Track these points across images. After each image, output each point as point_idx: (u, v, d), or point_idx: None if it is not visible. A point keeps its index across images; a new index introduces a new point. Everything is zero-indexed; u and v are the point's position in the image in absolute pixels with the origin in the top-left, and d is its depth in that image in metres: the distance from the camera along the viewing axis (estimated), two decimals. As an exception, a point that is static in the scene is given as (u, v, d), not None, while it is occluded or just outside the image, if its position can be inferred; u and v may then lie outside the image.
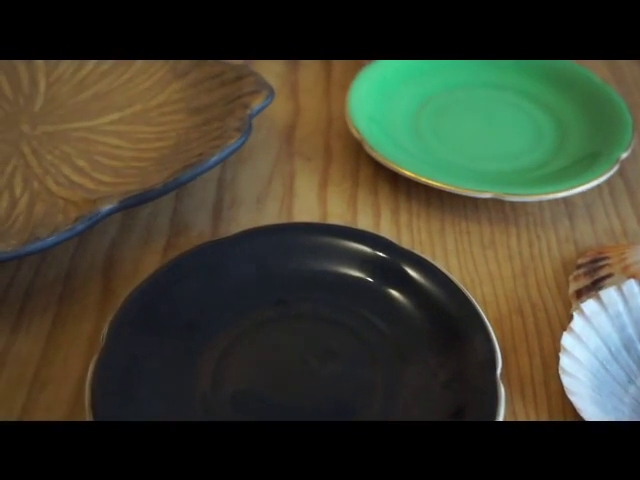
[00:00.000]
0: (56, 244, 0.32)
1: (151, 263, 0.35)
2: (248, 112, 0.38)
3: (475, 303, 0.31)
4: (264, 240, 0.34)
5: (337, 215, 0.38)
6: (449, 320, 0.30)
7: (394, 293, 0.32)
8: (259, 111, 0.38)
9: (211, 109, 0.41)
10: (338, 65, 0.48)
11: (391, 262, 0.33)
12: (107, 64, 0.46)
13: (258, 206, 0.38)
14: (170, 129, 0.41)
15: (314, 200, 0.39)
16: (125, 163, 0.39)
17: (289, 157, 0.41)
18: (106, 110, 0.43)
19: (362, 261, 0.33)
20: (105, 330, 0.29)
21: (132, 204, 0.34)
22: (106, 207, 0.34)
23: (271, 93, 0.39)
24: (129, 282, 0.34)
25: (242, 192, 0.39)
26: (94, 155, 0.40)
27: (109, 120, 0.42)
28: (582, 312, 0.31)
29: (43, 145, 0.40)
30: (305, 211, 0.38)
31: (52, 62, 0.46)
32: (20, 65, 0.46)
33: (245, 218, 0.38)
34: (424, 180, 0.38)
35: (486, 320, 0.30)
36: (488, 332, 0.29)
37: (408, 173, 0.38)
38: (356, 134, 0.40)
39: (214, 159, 0.35)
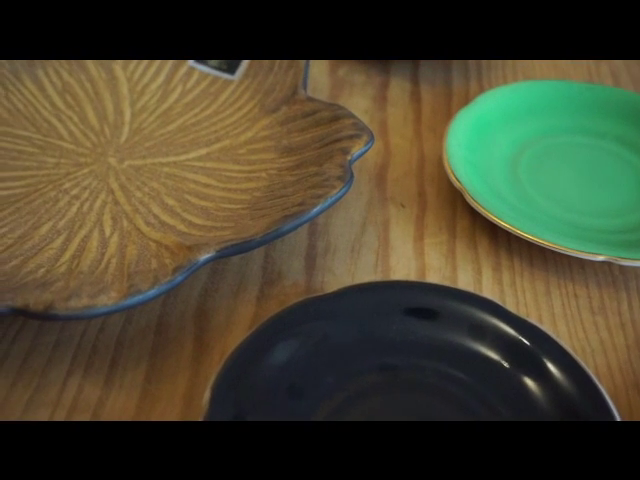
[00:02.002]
0: (156, 297, 0.30)
1: (245, 314, 0.34)
2: (348, 158, 0.36)
3: (601, 388, 0.29)
4: (367, 298, 0.32)
5: (435, 269, 0.36)
6: (570, 402, 0.28)
7: (509, 367, 0.30)
8: (359, 157, 0.37)
9: (304, 150, 0.39)
10: (427, 104, 0.47)
11: (504, 331, 0.31)
12: (192, 95, 0.45)
13: (353, 256, 0.37)
14: (260, 169, 0.40)
15: (410, 252, 0.37)
16: (216, 204, 0.38)
17: (382, 202, 0.40)
18: (193, 145, 0.42)
19: (471, 327, 0.32)
20: (207, 394, 0.28)
21: (229, 254, 0.33)
22: (203, 256, 0.32)
23: (371, 138, 0.37)
24: (223, 335, 0.33)
25: (335, 240, 0.38)
26: (184, 194, 0.38)
27: (197, 155, 0.41)
28: None
29: (131, 180, 0.39)
30: (402, 264, 0.37)
31: (137, 90, 0.45)
32: (105, 93, 0.45)
33: (340, 269, 0.36)
34: (527, 236, 0.36)
35: (615, 411, 0.28)
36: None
37: (510, 227, 0.36)
38: (456, 183, 0.38)
39: (316, 210, 0.34)
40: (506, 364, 0.31)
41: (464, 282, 0.36)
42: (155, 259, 0.34)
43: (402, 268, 0.36)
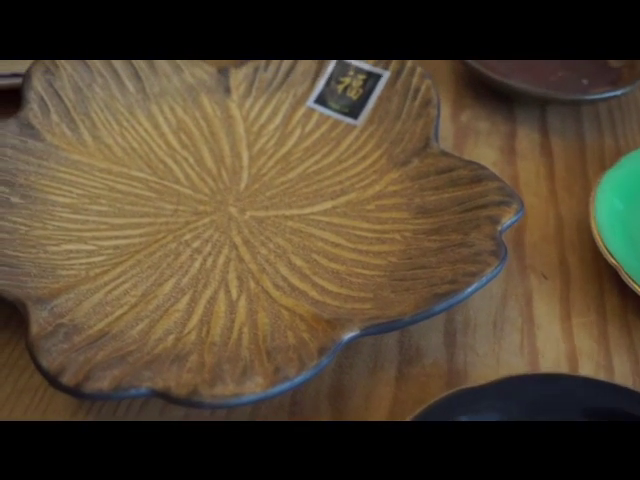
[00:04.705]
0: (303, 383, 0.28)
1: (383, 396, 0.31)
2: (499, 229, 0.33)
3: None
4: (527, 393, 0.29)
5: (587, 355, 0.33)
6: None
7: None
8: (508, 228, 0.34)
9: (442, 213, 0.36)
10: (559, 158, 0.44)
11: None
12: (311, 139, 0.43)
13: (495, 333, 0.34)
14: (392, 229, 0.37)
15: (558, 332, 0.34)
16: (347, 267, 0.35)
17: (522, 272, 0.37)
18: (317, 196, 0.39)
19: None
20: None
21: (375, 333, 0.30)
22: (347, 335, 0.30)
23: (521, 207, 0.34)
24: (361, 418, 0.30)
25: (474, 313, 0.35)
26: (311, 253, 0.36)
27: (322, 209, 0.38)
28: None
29: (255, 235, 0.37)
30: (550, 346, 0.34)
31: (253, 131, 0.43)
32: (220, 132, 0.43)
33: (483, 348, 0.33)
34: (689, 322, 0.32)
35: None
36: None
37: (668, 311, 0.33)
38: (610, 260, 0.35)
39: (470, 290, 0.31)
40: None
41: (621, 373, 0.33)
42: (291, 332, 0.31)
43: (550, 351, 0.33)
